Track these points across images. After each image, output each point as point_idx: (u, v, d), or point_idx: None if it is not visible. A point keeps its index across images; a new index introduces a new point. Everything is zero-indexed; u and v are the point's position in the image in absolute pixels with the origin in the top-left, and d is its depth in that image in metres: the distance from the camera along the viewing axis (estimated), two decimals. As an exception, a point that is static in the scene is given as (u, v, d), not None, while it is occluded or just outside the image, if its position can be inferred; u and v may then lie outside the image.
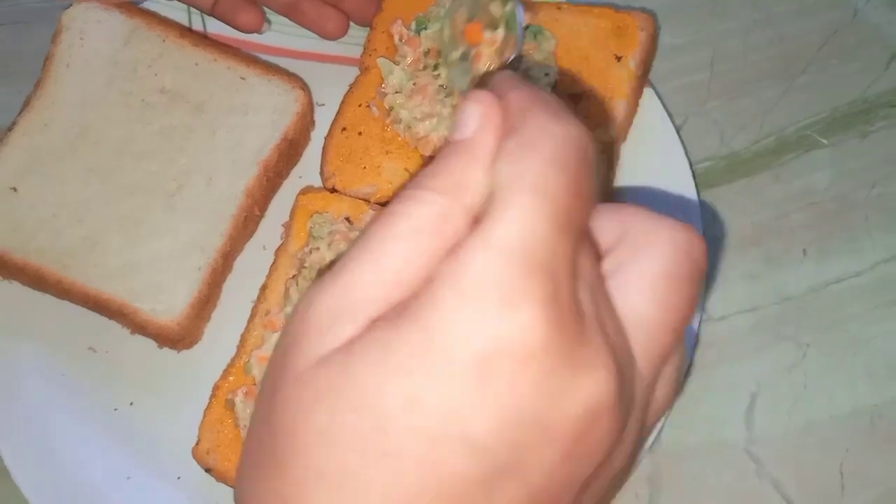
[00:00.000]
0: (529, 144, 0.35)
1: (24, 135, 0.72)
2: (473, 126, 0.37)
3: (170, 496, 0.67)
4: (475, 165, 0.36)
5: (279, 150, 0.73)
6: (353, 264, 0.35)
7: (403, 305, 0.34)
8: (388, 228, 0.35)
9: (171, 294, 0.69)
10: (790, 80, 0.80)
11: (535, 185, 0.34)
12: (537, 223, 0.33)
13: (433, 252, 0.35)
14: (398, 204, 0.36)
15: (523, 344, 0.32)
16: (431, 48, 0.75)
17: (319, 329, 0.34)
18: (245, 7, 0.77)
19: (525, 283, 0.32)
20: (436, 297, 0.33)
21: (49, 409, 0.69)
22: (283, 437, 0.34)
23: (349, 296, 0.35)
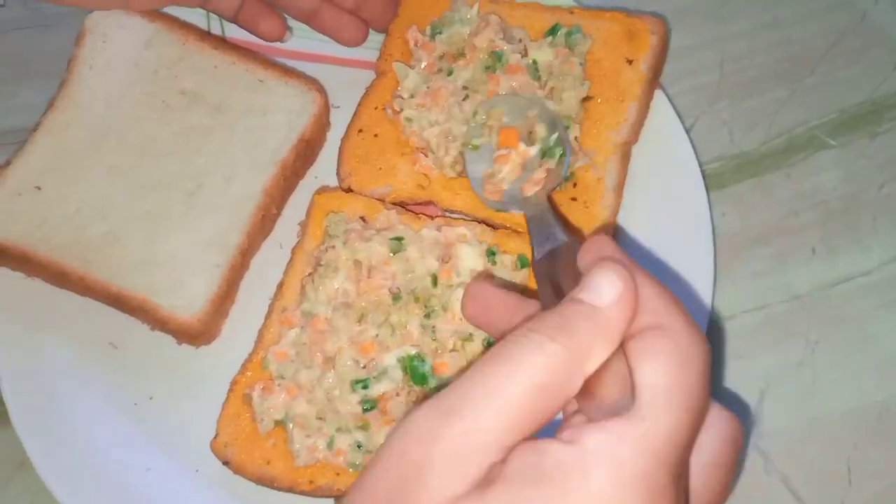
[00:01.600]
0: (687, 358, 0.39)
1: (47, 134, 0.74)
2: (609, 297, 0.39)
3: (188, 487, 0.68)
4: (604, 338, 0.39)
5: (296, 150, 0.75)
6: (472, 401, 0.37)
7: (535, 463, 0.36)
8: (509, 371, 0.37)
9: (191, 290, 0.70)
10: (798, 81, 0.81)
11: (689, 402, 0.38)
12: (685, 437, 0.37)
13: (550, 409, 0.37)
14: (518, 346, 0.38)
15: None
16: (446, 52, 0.76)
17: (445, 466, 0.36)
18: (267, 16, 0.78)
19: (668, 484, 0.37)
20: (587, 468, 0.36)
21: (71, 402, 0.70)
22: None
23: (472, 439, 0.36)
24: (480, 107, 0.72)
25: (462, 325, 0.67)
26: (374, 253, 0.69)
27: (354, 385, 0.66)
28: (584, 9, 0.79)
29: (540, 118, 0.70)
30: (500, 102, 0.72)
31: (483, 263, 0.69)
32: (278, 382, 0.67)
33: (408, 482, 0.36)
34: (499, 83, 0.73)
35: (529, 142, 0.70)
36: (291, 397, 0.67)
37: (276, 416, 0.67)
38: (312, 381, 0.67)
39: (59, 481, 0.67)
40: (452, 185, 0.74)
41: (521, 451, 0.37)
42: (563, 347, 0.38)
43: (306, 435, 0.66)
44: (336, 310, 0.68)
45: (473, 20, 0.77)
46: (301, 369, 0.67)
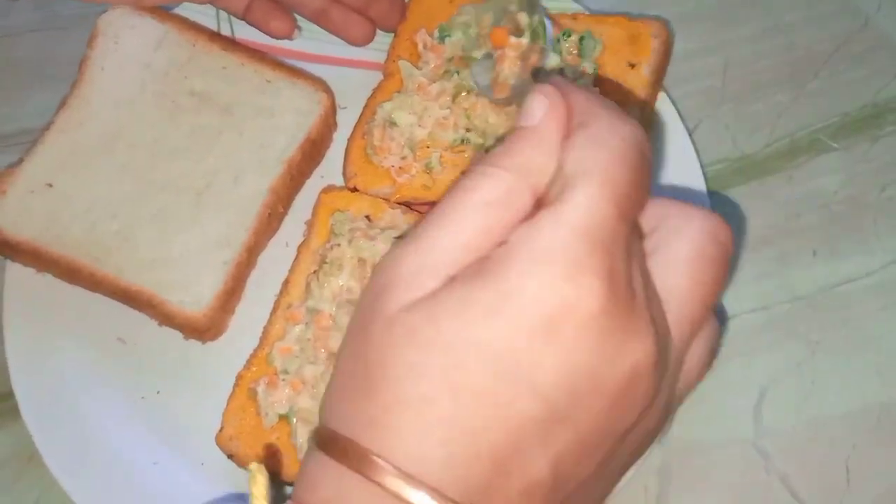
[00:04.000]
0: (599, 139, 0.41)
1: (59, 133, 0.75)
2: (540, 115, 0.42)
3: (194, 481, 0.69)
4: (541, 150, 0.42)
5: (303, 150, 0.76)
6: (431, 230, 0.41)
7: (479, 265, 0.40)
8: (462, 200, 0.41)
9: (198, 287, 0.71)
10: (801, 85, 0.82)
11: (603, 175, 0.40)
12: (604, 208, 0.39)
13: (502, 223, 0.40)
14: (469, 179, 0.41)
15: (586, 309, 0.38)
16: (454, 56, 0.77)
17: (405, 282, 0.40)
18: (277, 14, 0.79)
19: (590, 257, 0.38)
20: (511, 261, 0.39)
21: (80, 397, 0.71)
22: (375, 368, 0.39)
23: (430, 257, 0.40)
24: (470, 18, 0.75)
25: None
26: (379, 251, 0.70)
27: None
28: (587, 14, 0.80)
29: (518, 7, 0.72)
30: (484, 9, 0.74)
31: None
32: (283, 377, 0.68)
33: (375, 300, 0.41)
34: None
35: (518, 34, 0.71)
36: (295, 392, 0.67)
37: (280, 411, 0.67)
38: (316, 376, 0.67)
39: (68, 475, 0.68)
40: (457, 185, 0.75)
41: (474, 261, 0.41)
42: (504, 168, 0.41)
43: (310, 429, 0.67)
44: (340, 307, 0.69)
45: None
46: (305, 365, 0.68)
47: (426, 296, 0.39)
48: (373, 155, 0.76)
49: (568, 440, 0.39)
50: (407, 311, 0.39)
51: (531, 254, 0.39)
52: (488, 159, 0.42)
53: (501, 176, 0.41)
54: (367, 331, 0.40)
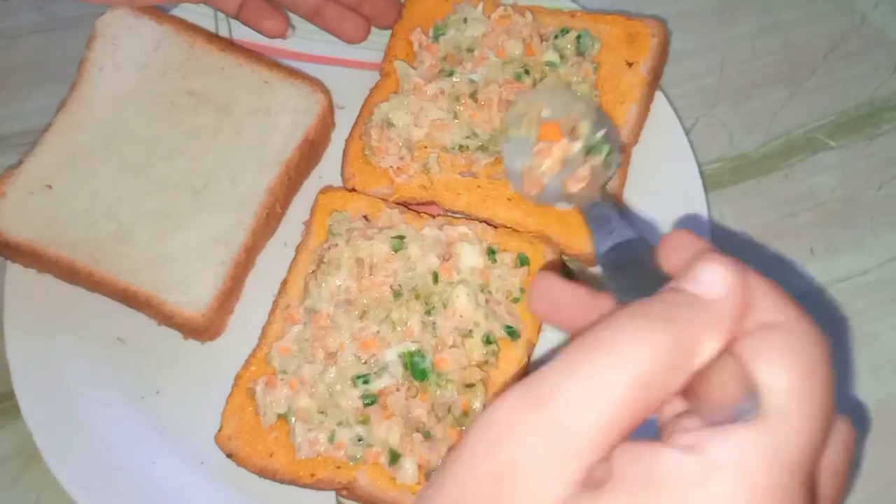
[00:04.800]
0: (813, 356, 0.35)
1: (59, 134, 0.75)
2: (720, 288, 0.36)
3: (193, 479, 0.69)
4: (714, 331, 0.35)
5: (300, 150, 0.76)
6: (570, 397, 0.34)
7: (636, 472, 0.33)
8: (610, 360, 0.34)
9: (197, 287, 0.71)
10: (798, 84, 0.82)
11: (821, 408, 0.34)
12: (816, 432, 0.34)
13: (652, 405, 0.34)
14: (618, 333, 0.35)
15: None
16: (449, 54, 0.78)
17: (545, 466, 0.33)
18: (270, 13, 0.80)
19: (793, 491, 0.33)
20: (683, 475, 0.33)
21: (80, 396, 0.72)
22: None
23: (572, 434, 0.33)
24: (520, 97, 0.71)
25: (462, 322, 0.68)
26: (376, 251, 0.70)
27: (356, 380, 0.67)
28: (585, 12, 0.80)
29: (583, 115, 0.69)
30: (542, 95, 0.71)
31: (483, 262, 0.70)
32: (281, 377, 0.68)
33: (501, 482, 0.33)
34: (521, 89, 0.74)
35: (572, 138, 0.68)
36: (294, 392, 0.68)
37: (278, 410, 0.68)
38: (314, 376, 0.68)
39: (69, 474, 0.69)
40: (455, 185, 0.75)
41: (630, 454, 0.34)
42: (669, 337, 0.34)
43: (308, 429, 0.67)
44: (338, 306, 0.69)
45: (479, 21, 0.78)
46: (304, 364, 0.68)
47: (576, 493, 0.33)
48: (371, 155, 0.76)
49: None
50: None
51: (740, 480, 0.33)
52: (644, 313, 0.35)
53: (663, 344, 0.34)
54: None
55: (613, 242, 0.50)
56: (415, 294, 0.69)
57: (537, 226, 0.73)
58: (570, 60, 0.76)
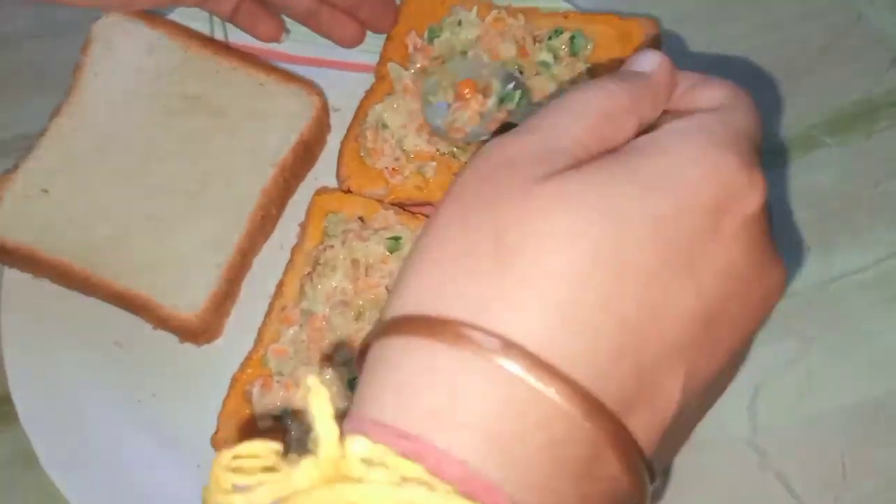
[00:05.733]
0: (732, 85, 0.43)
1: (54, 139, 0.76)
2: (653, 64, 0.43)
3: (190, 483, 0.69)
4: (653, 94, 0.42)
5: (295, 152, 0.76)
6: (549, 117, 0.40)
7: (622, 148, 0.39)
8: (580, 101, 0.40)
9: (193, 290, 0.71)
10: (795, 81, 0.82)
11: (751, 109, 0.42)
12: (757, 130, 0.41)
13: (611, 140, 0.40)
14: (583, 88, 0.41)
15: (753, 204, 0.37)
16: (442, 55, 0.78)
17: (536, 157, 0.37)
18: (264, 17, 0.80)
19: (753, 155, 0.38)
20: (677, 140, 0.38)
21: (77, 400, 0.72)
22: (511, 238, 0.34)
23: (558, 138, 0.39)
24: (437, 69, 0.75)
25: (457, 323, 0.68)
26: (372, 252, 0.70)
27: (351, 382, 0.67)
28: (578, 12, 0.80)
29: (494, 75, 0.74)
30: (454, 65, 0.75)
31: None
32: (277, 379, 0.68)
33: (495, 174, 0.37)
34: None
35: (485, 95, 0.73)
36: (290, 394, 0.68)
37: (275, 413, 0.68)
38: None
39: (66, 478, 0.69)
40: (450, 185, 0.75)
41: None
42: (621, 88, 0.41)
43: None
44: (334, 308, 0.69)
45: (473, 24, 0.78)
46: (300, 366, 0.68)
47: (566, 169, 0.36)
48: (366, 157, 0.76)
49: (706, 353, 0.36)
50: (548, 179, 0.36)
51: (697, 137, 0.38)
52: (604, 80, 0.42)
53: (619, 95, 0.40)
54: (494, 202, 0.36)
55: None
56: (410, 295, 0.69)
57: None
58: (564, 61, 0.76)
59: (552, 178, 0.36)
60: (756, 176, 0.37)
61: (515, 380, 0.32)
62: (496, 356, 0.32)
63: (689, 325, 0.35)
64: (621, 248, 0.34)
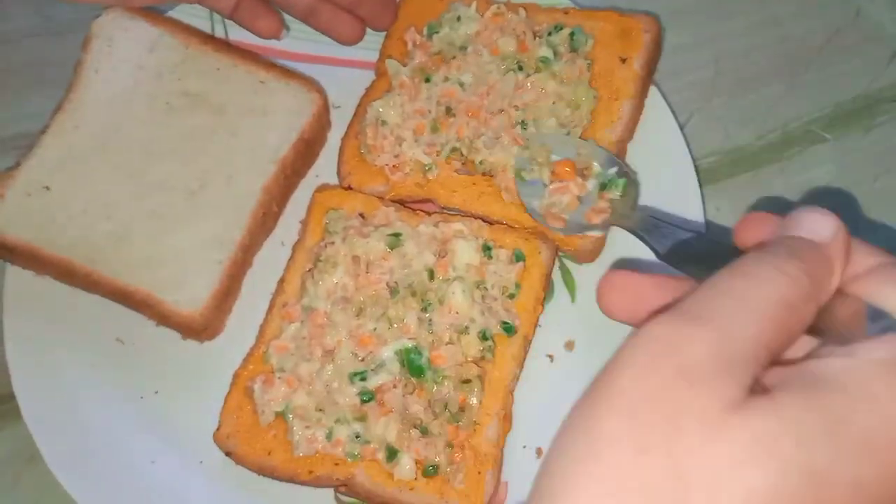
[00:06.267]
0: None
1: (55, 136, 0.76)
2: (827, 232, 0.39)
3: (192, 478, 0.70)
4: (832, 268, 0.39)
5: (296, 149, 0.76)
6: (727, 312, 0.36)
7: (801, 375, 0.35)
8: (758, 290, 0.36)
9: (194, 286, 0.72)
10: (793, 77, 0.82)
11: None
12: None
13: (794, 330, 0.37)
14: (761, 269, 0.37)
15: None
16: (441, 50, 0.78)
17: (716, 369, 0.34)
18: (264, 13, 0.80)
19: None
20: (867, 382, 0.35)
21: (80, 397, 0.72)
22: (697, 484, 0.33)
23: (734, 345, 0.35)
24: (530, 144, 0.73)
25: (458, 319, 0.68)
26: (372, 249, 0.71)
27: (353, 377, 0.67)
28: (578, 9, 0.80)
29: (594, 156, 0.72)
30: (548, 139, 0.73)
31: (479, 258, 0.70)
32: (279, 375, 0.69)
33: (672, 389, 0.34)
34: (522, 89, 0.75)
35: (584, 177, 0.72)
36: (291, 390, 0.68)
37: (276, 408, 0.68)
38: (312, 373, 0.68)
39: (69, 474, 0.69)
40: (450, 182, 0.75)
41: (786, 369, 0.36)
42: (801, 271, 0.37)
43: (306, 426, 0.67)
44: (335, 304, 0.70)
45: (472, 19, 0.78)
46: (301, 362, 0.69)
47: (748, 395, 0.34)
48: (366, 154, 0.76)
49: None
50: (739, 413, 0.33)
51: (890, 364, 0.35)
52: (773, 251, 0.38)
53: (802, 282, 0.37)
54: (676, 434, 0.33)
55: (671, 243, 0.52)
56: (411, 291, 0.69)
57: (532, 222, 0.73)
58: (564, 57, 0.76)
59: (740, 411, 0.33)
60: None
61: None
62: None
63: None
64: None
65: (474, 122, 0.74)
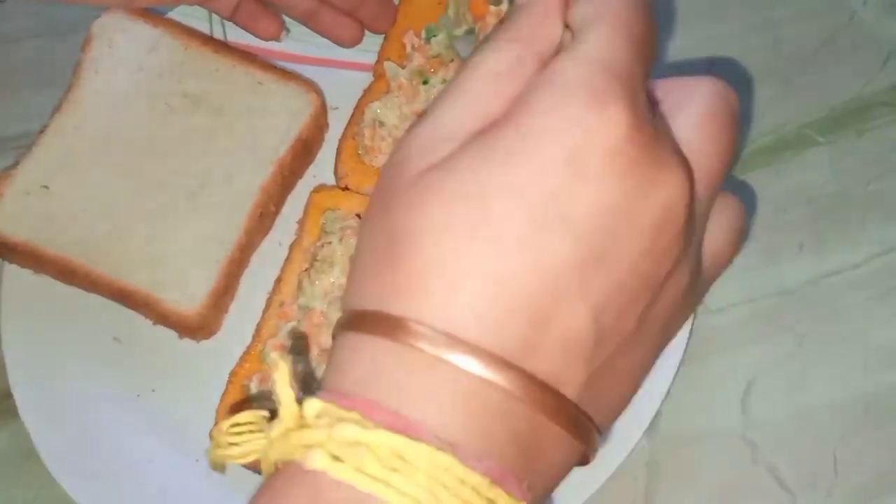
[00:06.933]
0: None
1: (55, 136, 0.76)
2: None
3: (190, 476, 0.70)
4: (545, 19, 0.41)
5: (294, 150, 0.77)
6: (442, 103, 0.40)
7: (494, 121, 0.38)
8: (469, 74, 0.40)
9: (192, 285, 0.72)
10: (787, 80, 0.83)
11: (616, 18, 0.38)
12: (620, 45, 0.38)
13: (512, 91, 0.39)
14: (475, 55, 0.41)
15: (612, 136, 0.36)
16: (439, 53, 0.78)
17: (421, 150, 0.39)
18: (265, 15, 0.80)
19: (610, 85, 0.36)
20: (526, 103, 0.37)
21: (77, 395, 0.72)
22: (398, 235, 0.37)
23: (444, 125, 0.39)
24: (451, 3, 0.76)
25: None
26: (369, 249, 0.71)
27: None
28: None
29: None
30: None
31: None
32: (275, 374, 0.69)
33: (392, 171, 0.39)
34: None
35: (496, 3, 0.75)
36: (287, 388, 0.68)
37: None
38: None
39: (66, 472, 0.69)
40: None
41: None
42: (509, 41, 0.40)
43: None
44: (332, 304, 0.70)
45: (470, 21, 0.79)
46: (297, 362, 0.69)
47: (446, 154, 0.38)
48: (364, 155, 0.77)
49: (608, 285, 0.36)
50: (426, 171, 0.38)
51: (548, 91, 0.37)
52: (492, 35, 0.41)
53: (507, 47, 0.40)
54: (386, 202, 0.38)
55: None
56: (406, 291, 0.69)
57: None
58: None
59: (430, 170, 0.38)
60: (608, 109, 0.36)
61: (414, 350, 0.36)
62: (405, 336, 0.36)
63: (576, 268, 0.36)
64: (488, 225, 0.36)
65: None
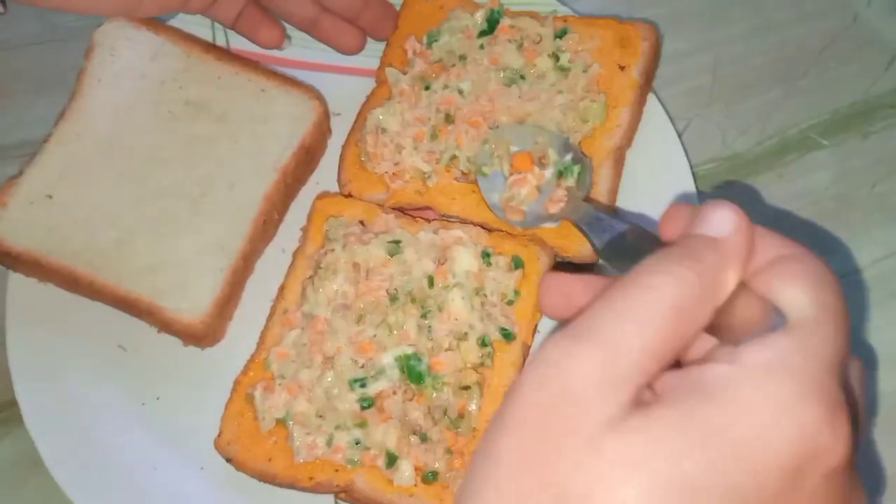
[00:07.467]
0: (824, 276, 0.39)
1: (58, 144, 0.76)
2: (728, 228, 0.39)
3: (193, 485, 0.70)
4: (731, 266, 0.39)
5: (297, 157, 0.77)
6: (610, 328, 0.36)
7: (683, 381, 0.36)
8: (645, 298, 0.37)
9: (196, 293, 0.72)
10: (791, 83, 0.82)
11: (839, 314, 0.37)
12: (842, 343, 0.37)
13: (687, 335, 0.37)
14: (651, 275, 0.37)
15: (838, 457, 0.35)
16: (441, 59, 0.78)
17: (597, 393, 0.35)
18: (266, 24, 0.80)
19: (840, 396, 0.35)
20: (739, 384, 0.35)
21: (82, 403, 0.72)
22: (572, 500, 0.34)
23: (617, 364, 0.36)
24: (490, 135, 0.74)
25: (457, 325, 0.68)
26: (372, 256, 0.71)
27: (353, 384, 0.67)
28: (577, 17, 0.80)
29: (549, 144, 0.73)
30: (506, 132, 0.74)
31: (478, 265, 0.71)
32: (279, 382, 0.69)
33: (557, 408, 0.35)
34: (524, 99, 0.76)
35: (542, 166, 0.73)
36: (292, 396, 0.68)
37: (277, 415, 0.68)
38: (312, 380, 0.68)
39: (71, 480, 0.70)
40: (450, 190, 0.76)
41: (674, 376, 0.37)
42: (693, 273, 0.37)
43: (306, 433, 0.68)
44: (335, 311, 0.70)
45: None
46: (301, 369, 0.69)
47: (628, 412, 0.35)
48: (367, 161, 0.77)
49: None
50: (609, 430, 0.34)
51: (778, 370, 0.35)
52: (668, 256, 0.38)
53: (691, 282, 0.37)
54: (556, 455, 0.35)
55: (609, 237, 0.52)
56: (411, 298, 0.69)
57: (531, 229, 0.73)
58: (564, 64, 0.76)
59: (616, 429, 0.34)
60: (840, 426, 0.35)
61: None
62: None
63: None
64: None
65: (473, 132, 0.75)
